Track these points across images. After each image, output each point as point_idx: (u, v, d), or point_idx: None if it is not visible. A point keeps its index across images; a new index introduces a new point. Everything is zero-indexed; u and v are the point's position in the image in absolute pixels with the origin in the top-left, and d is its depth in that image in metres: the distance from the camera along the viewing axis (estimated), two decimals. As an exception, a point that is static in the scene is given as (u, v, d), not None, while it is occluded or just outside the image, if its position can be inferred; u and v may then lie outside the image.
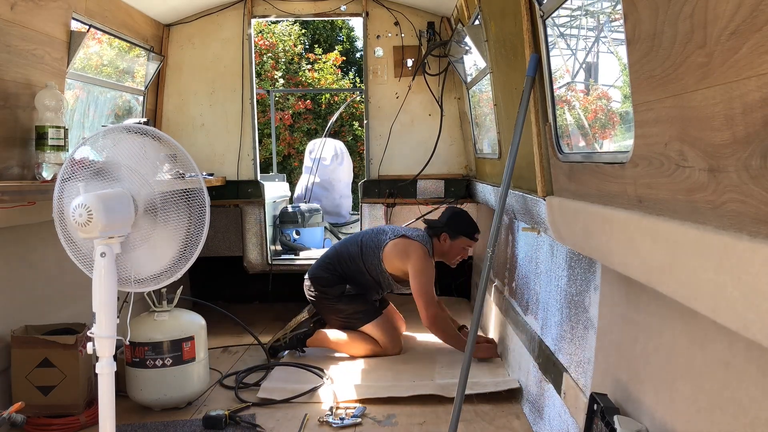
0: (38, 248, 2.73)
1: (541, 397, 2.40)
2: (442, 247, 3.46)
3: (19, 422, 2.14)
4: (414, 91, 4.34)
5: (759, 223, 0.94)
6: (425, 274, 3.33)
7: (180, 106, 4.33)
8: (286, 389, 2.85)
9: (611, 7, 3.93)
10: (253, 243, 4.44)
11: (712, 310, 1.06)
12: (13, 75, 2.50)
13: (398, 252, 3.39)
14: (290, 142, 10.70)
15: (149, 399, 2.64)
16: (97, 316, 1.83)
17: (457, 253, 3.49)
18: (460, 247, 3.47)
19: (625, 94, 3.62)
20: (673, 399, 1.36)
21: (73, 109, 3.71)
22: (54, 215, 1.93)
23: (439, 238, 3.45)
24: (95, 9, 3.13)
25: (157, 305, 2.71)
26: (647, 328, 1.53)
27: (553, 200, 2.06)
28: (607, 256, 1.62)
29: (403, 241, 3.41)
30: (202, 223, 1.95)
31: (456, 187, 4.36)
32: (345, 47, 11.88)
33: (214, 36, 4.30)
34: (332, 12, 4.35)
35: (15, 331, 2.47)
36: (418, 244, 3.39)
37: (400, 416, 2.61)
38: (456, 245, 3.46)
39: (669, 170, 1.22)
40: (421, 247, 3.37)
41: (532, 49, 2.16)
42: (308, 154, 6.06)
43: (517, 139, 2.28)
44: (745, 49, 0.89)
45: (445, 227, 3.45)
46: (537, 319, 2.57)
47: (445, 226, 3.46)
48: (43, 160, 2.57)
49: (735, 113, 0.95)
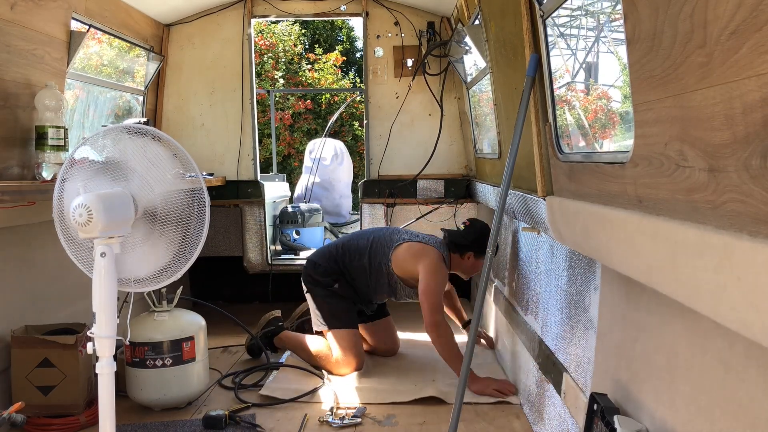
0: (38, 248, 2.73)
1: (541, 397, 2.40)
2: (463, 263, 3.28)
3: (19, 422, 2.14)
4: (414, 91, 4.34)
5: (759, 223, 0.94)
6: (436, 278, 3.12)
7: (180, 106, 4.33)
8: (289, 389, 2.85)
9: (611, 7, 3.93)
10: (253, 243, 4.44)
11: (712, 310, 1.06)
12: (13, 75, 2.50)
13: (413, 253, 3.19)
14: (290, 142, 10.70)
15: (149, 399, 2.64)
16: (97, 316, 1.83)
17: (478, 270, 3.30)
18: (481, 263, 3.22)
19: (625, 94, 3.61)
20: (673, 399, 1.36)
21: (73, 109, 3.71)
22: (54, 215, 1.93)
23: (463, 256, 3.25)
24: (95, 9, 3.13)
25: (157, 305, 2.71)
26: (647, 328, 1.53)
27: (553, 200, 2.06)
28: (607, 256, 1.62)
29: (420, 245, 3.23)
30: (202, 223, 1.95)
31: (456, 187, 4.36)
32: (345, 47, 11.88)
33: (214, 36, 4.30)
34: (332, 12, 4.35)
35: (15, 331, 2.47)
36: (434, 249, 3.20)
37: (400, 416, 2.61)
38: (479, 263, 3.26)
39: (669, 170, 1.22)
40: (437, 253, 3.17)
41: (532, 49, 2.16)
42: (308, 154, 6.06)
43: (517, 139, 2.27)
44: (745, 49, 0.89)
45: (471, 246, 3.23)
46: (537, 319, 2.57)
47: (473, 244, 3.23)
48: (43, 160, 2.57)
49: (735, 113, 0.95)
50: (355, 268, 3.27)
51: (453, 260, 3.27)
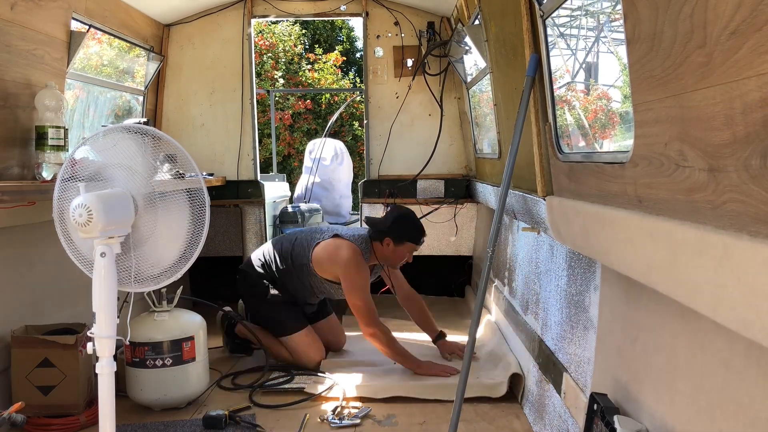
0: (38, 248, 2.73)
1: (541, 397, 2.40)
2: (383, 251, 3.12)
3: (19, 422, 2.14)
4: (414, 91, 4.34)
5: (759, 223, 0.94)
6: (354, 275, 3.00)
7: (180, 106, 4.33)
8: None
9: (611, 7, 3.93)
10: (253, 243, 4.43)
11: (712, 310, 1.06)
12: (13, 75, 2.50)
13: (328, 255, 3.07)
14: (290, 142, 10.70)
15: (149, 399, 2.64)
16: (97, 316, 1.83)
17: (401, 258, 3.15)
18: (405, 251, 3.13)
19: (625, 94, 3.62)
20: (673, 399, 1.36)
21: (73, 109, 3.71)
22: (54, 215, 1.93)
23: (382, 242, 3.10)
24: (95, 9, 3.13)
25: (157, 305, 2.71)
26: (647, 328, 1.53)
27: (553, 200, 2.06)
28: (606, 256, 1.62)
29: (334, 242, 3.10)
30: (202, 222, 1.95)
31: (456, 187, 4.37)
32: (345, 47, 11.88)
33: (214, 36, 4.30)
34: (332, 12, 4.35)
35: (15, 331, 2.47)
36: (349, 244, 3.06)
37: (400, 416, 2.61)
38: (400, 251, 3.11)
39: (669, 170, 1.22)
40: (353, 249, 3.04)
41: (532, 49, 2.16)
42: (308, 154, 6.06)
43: (517, 139, 2.28)
44: (745, 49, 0.89)
45: (389, 231, 3.08)
46: (537, 319, 2.57)
47: (389, 230, 3.08)
48: (43, 160, 2.57)
49: (735, 113, 0.95)
50: (282, 273, 3.20)
51: (376, 250, 3.14)
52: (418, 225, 3.18)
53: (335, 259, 3.06)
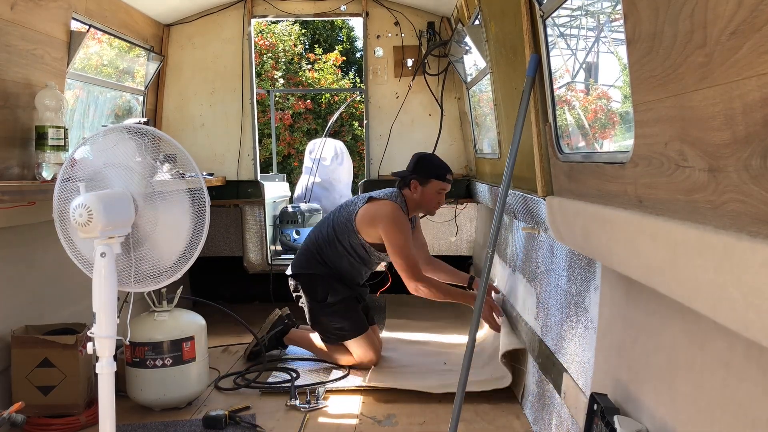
0: (38, 248, 2.73)
1: (541, 397, 2.40)
2: (414, 198, 3.19)
3: (19, 422, 2.14)
4: (414, 91, 4.34)
5: (759, 223, 0.94)
6: (399, 235, 3.06)
7: (180, 106, 4.33)
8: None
9: (611, 7, 3.93)
10: (253, 243, 4.44)
11: (712, 310, 1.06)
12: (13, 75, 2.50)
13: (369, 218, 3.12)
14: (290, 142, 10.69)
15: (149, 399, 2.65)
16: (97, 316, 1.83)
17: (432, 199, 3.21)
18: (434, 191, 3.19)
19: (625, 94, 3.62)
20: (673, 399, 1.36)
21: (73, 109, 3.71)
22: (54, 215, 1.93)
23: (410, 188, 3.18)
24: (95, 9, 3.13)
25: (157, 305, 2.71)
26: (647, 328, 1.53)
27: (553, 200, 2.06)
28: (607, 256, 1.62)
29: (371, 205, 3.15)
30: (202, 222, 1.95)
31: (456, 187, 4.35)
32: (345, 47, 11.88)
33: (214, 36, 4.30)
34: (332, 12, 4.35)
35: (15, 331, 2.47)
36: (386, 202, 3.13)
37: (400, 416, 2.61)
38: (429, 191, 3.18)
39: (669, 170, 1.22)
40: (390, 205, 3.11)
41: (532, 49, 2.16)
42: (308, 154, 6.06)
43: (517, 139, 2.28)
44: (745, 49, 0.89)
45: (413, 173, 3.18)
46: (537, 319, 2.57)
47: (413, 172, 3.18)
48: (43, 160, 2.57)
49: (735, 113, 0.95)
50: (335, 258, 3.23)
51: (407, 199, 3.21)
52: (439, 161, 3.27)
53: (377, 219, 3.10)
